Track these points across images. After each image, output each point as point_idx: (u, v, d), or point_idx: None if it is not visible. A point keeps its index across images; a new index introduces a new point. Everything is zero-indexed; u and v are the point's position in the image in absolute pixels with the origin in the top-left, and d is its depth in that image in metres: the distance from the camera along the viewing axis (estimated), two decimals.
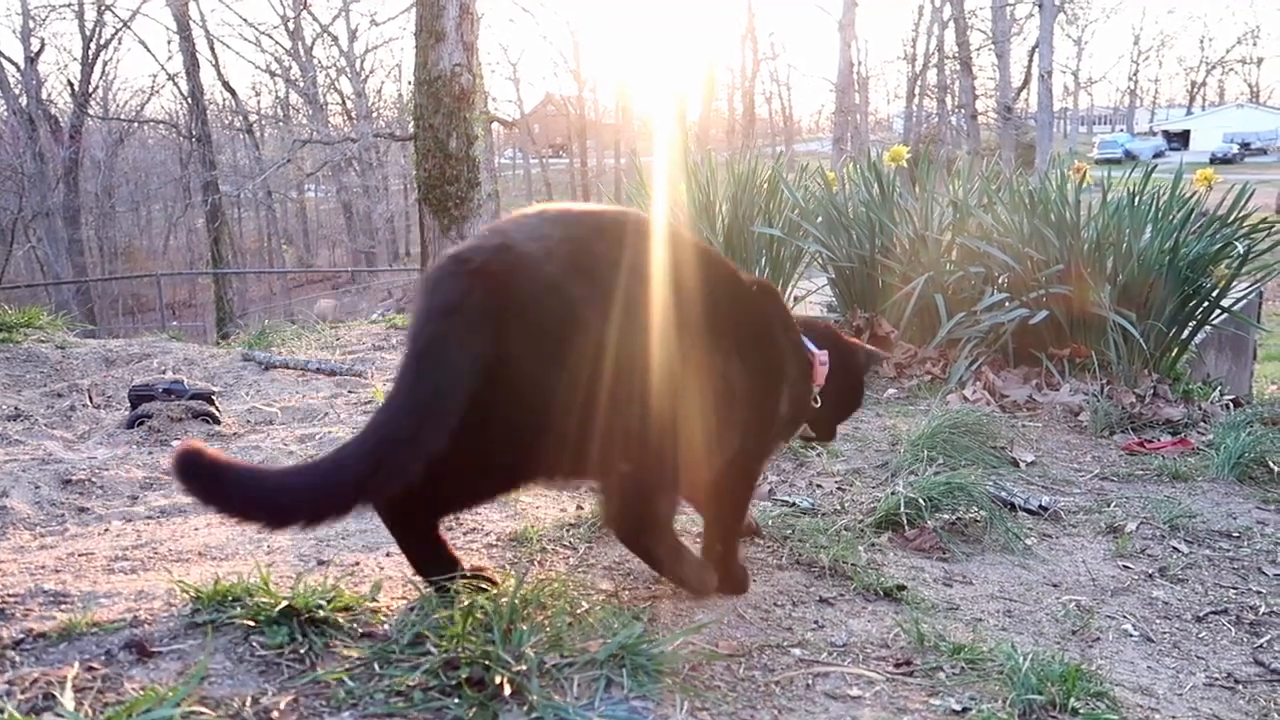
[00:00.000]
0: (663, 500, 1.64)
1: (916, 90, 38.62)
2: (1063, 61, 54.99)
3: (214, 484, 1.29)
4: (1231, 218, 4.19)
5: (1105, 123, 73.15)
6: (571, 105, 45.69)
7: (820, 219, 4.80)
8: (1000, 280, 4.37)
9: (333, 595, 1.43)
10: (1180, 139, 56.43)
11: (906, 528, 2.32)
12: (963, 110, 28.45)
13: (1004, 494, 2.66)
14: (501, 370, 1.40)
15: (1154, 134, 59.24)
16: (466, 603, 1.39)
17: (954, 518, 2.41)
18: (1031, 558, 2.29)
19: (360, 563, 1.73)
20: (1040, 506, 2.64)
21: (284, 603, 1.38)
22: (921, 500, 2.38)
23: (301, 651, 1.32)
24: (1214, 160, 43.82)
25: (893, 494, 2.46)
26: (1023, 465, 3.07)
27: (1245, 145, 52.55)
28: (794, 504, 2.57)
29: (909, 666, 1.51)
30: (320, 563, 1.72)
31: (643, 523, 1.62)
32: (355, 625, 1.41)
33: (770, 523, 2.30)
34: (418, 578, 1.65)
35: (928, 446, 2.97)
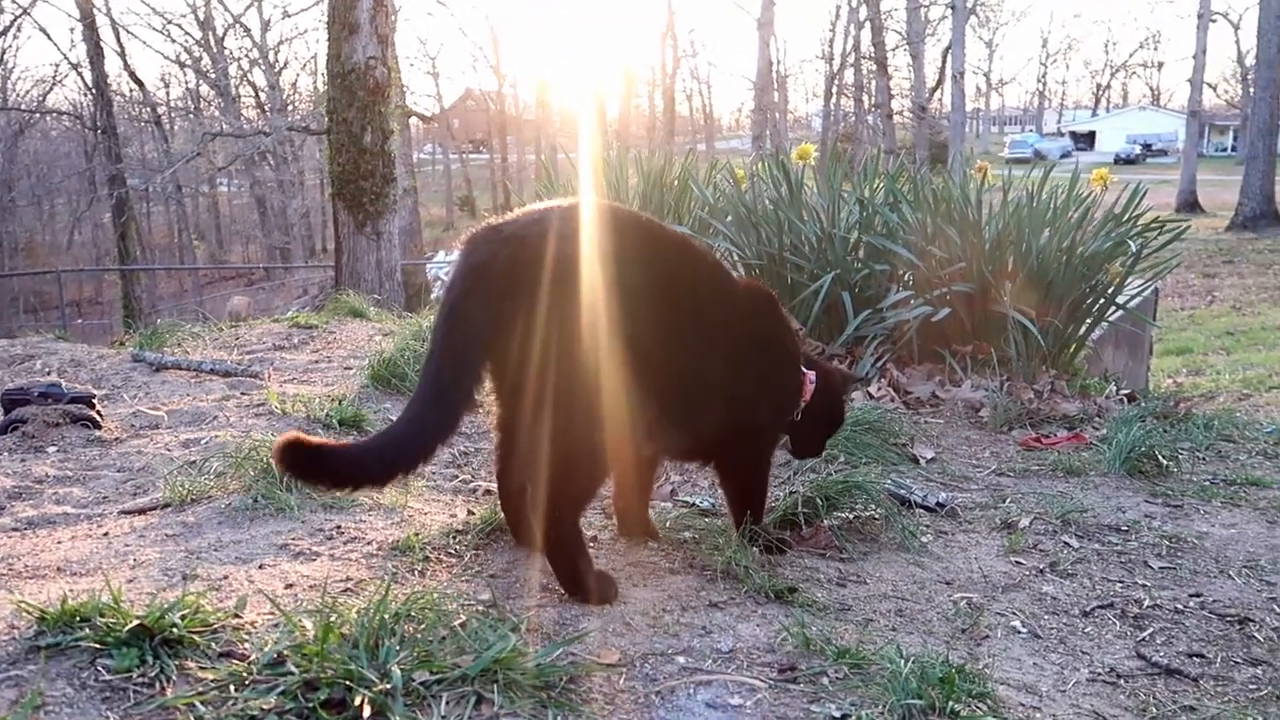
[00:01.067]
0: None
1: (834, 89, 39.13)
2: (975, 63, 56.46)
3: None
4: (1125, 217, 4.30)
5: (1016, 123, 75.08)
6: (491, 100, 45.37)
7: (730, 217, 4.81)
8: (905, 278, 4.42)
9: (191, 612, 1.35)
10: (1086, 140, 58.26)
11: (803, 527, 2.31)
12: (879, 109, 28.90)
13: (902, 491, 2.67)
14: (527, 318, 1.61)
15: (1062, 134, 61.03)
16: (332, 617, 1.33)
17: (851, 516, 2.41)
18: (926, 555, 2.30)
19: (230, 576, 1.65)
20: (937, 503, 2.65)
21: (135, 622, 1.30)
22: (819, 499, 2.38)
23: (152, 675, 1.24)
24: (1118, 160, 45.31)
25: (791, 493, 2.46)
26: (923, 462, 3.10)
27: (1147, 146, 54.45)
28: (694, 504, 2.55)
29: (793, 672, 1.49)
30: (186, 577, 1.64)
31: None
32: (214, 645, 1.33)
33: (668, 524, 2.28)
34: (289, 591, 1.58)
35: (830, 444, 2.97)
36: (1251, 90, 27.94)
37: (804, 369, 2.20)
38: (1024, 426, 3.59)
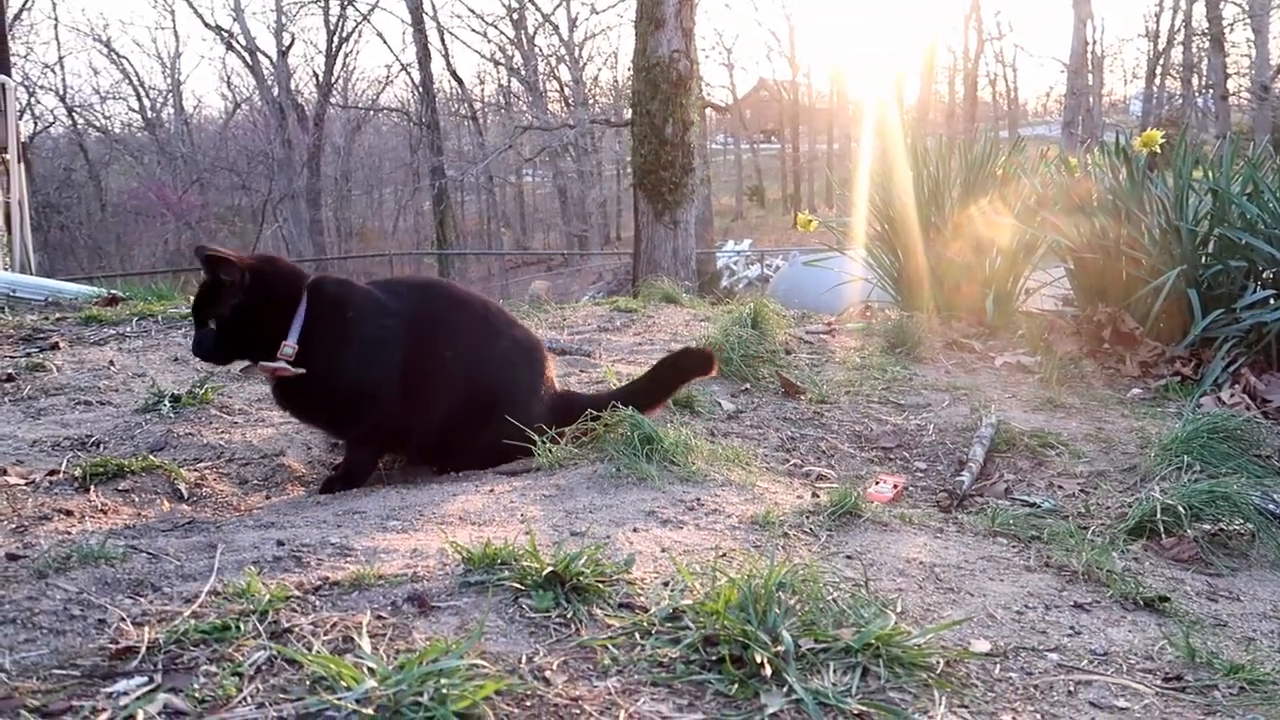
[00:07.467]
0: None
1: (1158, 70, 35.95)
2: None
3: None
4: None
5: None
6: (785, 90, 45.28)
7: (1059, 206, 4.57)
8: (1266, 275, 4.03)
9: (591, 564, 1.49)
10: None
11: (1163, 536, 2.19)
12: (1211, 91, 26.26)
13: (1273, 506, 2.46)
14: None
15: None
16: (723, 581, 1.42)
17: (1215, 529, 2.25)
18: None
19: (611, 536, 1.79)
20: None
21: (549, 569, 1.45)
22: (1181, 508, 2.24)
23: (567, 616, 1.39)
24: None
25: (1147, 499, 2.33)
26: None
27: None
28: (1036, 504, 2.47)
29: (1180, 682, 1.43)
30: (574, 534, 1.80)
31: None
32: (613, 596, 1.46)
33: (1012, 522, 2.22)
34: (664, 554, 1.70)
35: (1182, 451, 2.78)
36: None
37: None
38: None
